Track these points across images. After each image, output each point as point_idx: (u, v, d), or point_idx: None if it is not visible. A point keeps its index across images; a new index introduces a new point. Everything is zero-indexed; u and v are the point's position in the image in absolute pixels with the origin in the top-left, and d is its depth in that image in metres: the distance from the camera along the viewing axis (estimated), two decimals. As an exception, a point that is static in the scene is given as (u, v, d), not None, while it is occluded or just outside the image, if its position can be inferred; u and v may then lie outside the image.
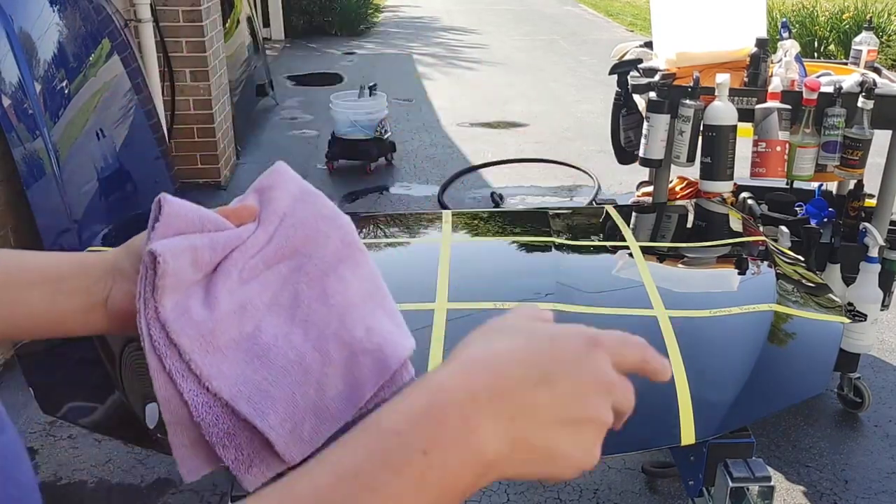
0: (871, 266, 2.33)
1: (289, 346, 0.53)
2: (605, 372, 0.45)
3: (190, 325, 0.51)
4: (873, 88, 2.14)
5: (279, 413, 0.52)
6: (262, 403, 0.51)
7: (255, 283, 0.55)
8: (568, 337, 0.45)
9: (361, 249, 0.60)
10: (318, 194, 0.60)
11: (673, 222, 2.00)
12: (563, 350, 0.44)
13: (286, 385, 0.52)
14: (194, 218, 0.55)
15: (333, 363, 0.54)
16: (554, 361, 0.44)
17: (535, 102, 6.60)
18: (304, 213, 0.58)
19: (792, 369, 1.33)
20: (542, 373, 0.43)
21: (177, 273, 0.52)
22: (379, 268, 0.60)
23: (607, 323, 1.41)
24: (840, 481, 2.25)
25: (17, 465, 0.44)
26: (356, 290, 0.57)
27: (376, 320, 0.57)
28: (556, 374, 0.43)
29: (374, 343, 0.55)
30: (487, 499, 2.16)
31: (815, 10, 8.37)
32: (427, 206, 4.31)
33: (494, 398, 0.41)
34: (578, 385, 0.43)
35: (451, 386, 0.42)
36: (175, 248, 0.52)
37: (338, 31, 9.97)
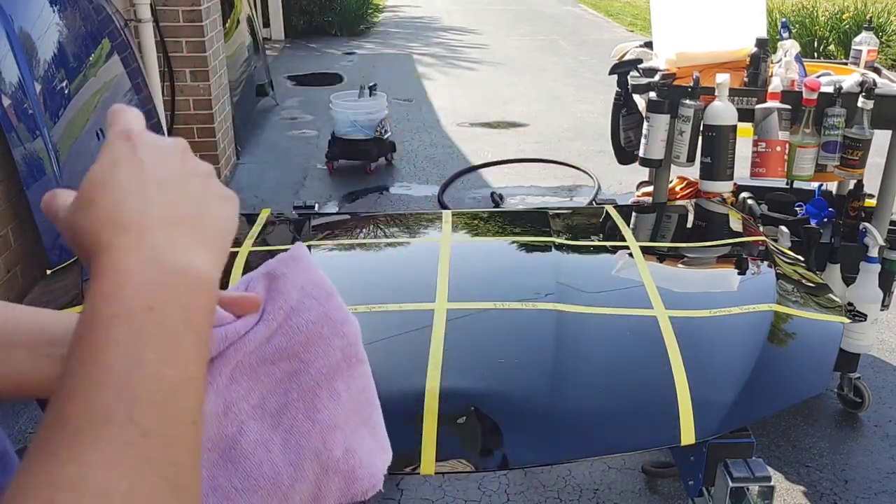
0: (871, 266, 2.33)
1: (266, 458, 0.53)
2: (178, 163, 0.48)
3: None
4: (873, 88, 2.14)
5: None
6: None
7: (244, 381, 0.54)
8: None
9: (361, 360, 0.58)
10: (330, 292, 0.57)
11: (673, 222, 2.00)
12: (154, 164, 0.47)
13: (254, 499, 0.52)
14: None
15: (305, 479, 0.54)
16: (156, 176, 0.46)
17: (535, 102, 6.61)
18: (310, 314, 0.55)
19: (792, 369, 1.33)
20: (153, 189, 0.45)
21: None
22: (379, 268, 0.60)
23: (607, 323, 1.41)
24: (840, 481, 2.25)
25: None
26: (345, 406, 0.57)
27: (358, 440, 0.57)
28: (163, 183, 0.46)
29: (349, 465, 0.55)
30: (487, 499, 2.16)
31: (815, 10, 8.37)
32: (427, 206, 4.31)
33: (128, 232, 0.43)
34: (181, 182, 0.47)
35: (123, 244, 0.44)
36: None
37: (338, 31, 9.97)
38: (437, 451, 1.10)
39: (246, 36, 5.67)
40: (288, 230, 1.85)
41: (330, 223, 1.88)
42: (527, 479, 2.25)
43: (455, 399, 1.18)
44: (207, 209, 0.47)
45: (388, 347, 1.35)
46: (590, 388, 1.24)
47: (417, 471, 1.09)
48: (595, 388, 1.24)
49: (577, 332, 1.37)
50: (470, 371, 1.25)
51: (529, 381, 1.23)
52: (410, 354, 1.31)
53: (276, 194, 4.39)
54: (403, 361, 1.30)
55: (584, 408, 1.21)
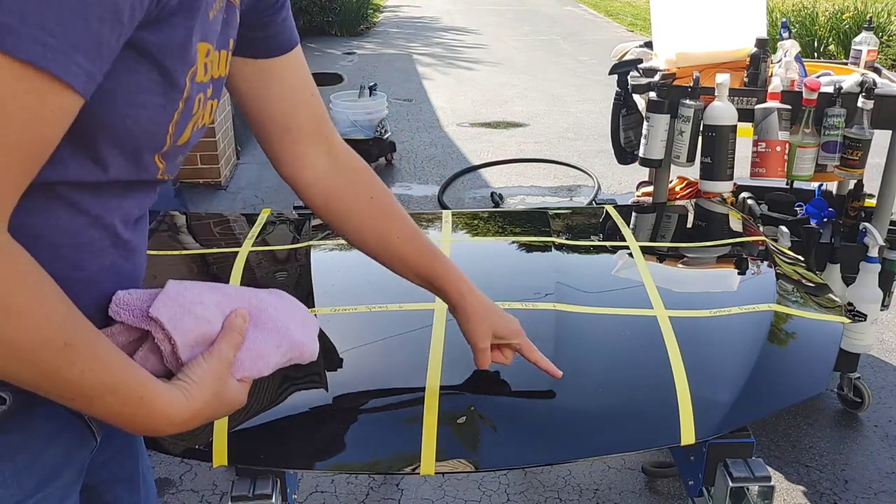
0: (871, 266, 2.33)
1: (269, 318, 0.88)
2: (236, 404, 0.83)
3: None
4: (873, 88, 2.14)
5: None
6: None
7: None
8: (230, 397, 0.81)
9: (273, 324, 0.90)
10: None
11: (673, 222, 2.00)
12: (227, 403, 0.81)
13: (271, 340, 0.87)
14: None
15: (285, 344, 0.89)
16: (222, 407, 0.81)
17: (535, 102, 6.61)
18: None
19: (792, 369, 1.33)
20: (213, 414, 0.80)
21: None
22: (379, 267, 0.67)
23: (607, 323, 1.41)
24: (840, 481, 2.25)
25: None
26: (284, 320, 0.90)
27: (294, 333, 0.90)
28: (220, 412, 0.81)
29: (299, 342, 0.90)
30: (487, 499, 2.16)
31: (815, 10, 8.37)
32: (427, 206, 4.31)
33: (183, 426, 0.77)
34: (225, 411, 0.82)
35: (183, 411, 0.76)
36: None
37: (338, 31, 9.97)
38: (437, 451, 1.10)
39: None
40: (288, 230, 1.85)
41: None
42: (527, 479, 2.25)
43: (455, 399, 1.18)
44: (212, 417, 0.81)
45: (388, 347, 1.35)
46: (590, 388, 1.24)
47: (417, 471, 1.09)
48: (595, 388, 1.24)
49: (576, 332, 1.37)
50: (470, 371, 1.25)
51: (529, 380, 1.23)
52: (410, 354, 1.31)
53: (276, 194, 4.39)
54: (403, 361, 1.30)
55: (584, 408, 1.21)
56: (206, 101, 0.79)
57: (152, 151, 0.75)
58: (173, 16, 0.68)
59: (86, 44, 0.59)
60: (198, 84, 0.75)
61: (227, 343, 0.80)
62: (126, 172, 0.73)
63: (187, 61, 0.71)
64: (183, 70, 0.71)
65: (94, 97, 0.64)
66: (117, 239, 0.77)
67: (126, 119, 0.69)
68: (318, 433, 1.15)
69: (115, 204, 0.76)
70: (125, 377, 0.70)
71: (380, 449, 1.12)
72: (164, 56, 0.68)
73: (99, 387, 0.67)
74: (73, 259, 0.72)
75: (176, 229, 1.82)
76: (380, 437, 1.14)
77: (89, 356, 0.66)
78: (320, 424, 1.17)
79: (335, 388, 1.22)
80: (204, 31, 0.74)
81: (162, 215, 1.85)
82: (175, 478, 2.25)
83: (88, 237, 0.73)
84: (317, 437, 1.15)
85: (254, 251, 1.67)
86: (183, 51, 0.70)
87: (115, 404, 0.69)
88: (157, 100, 0.70)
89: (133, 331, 0.78)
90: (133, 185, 0.77)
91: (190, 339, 0.78)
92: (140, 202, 0.81)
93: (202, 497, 2.18)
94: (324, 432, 1.16)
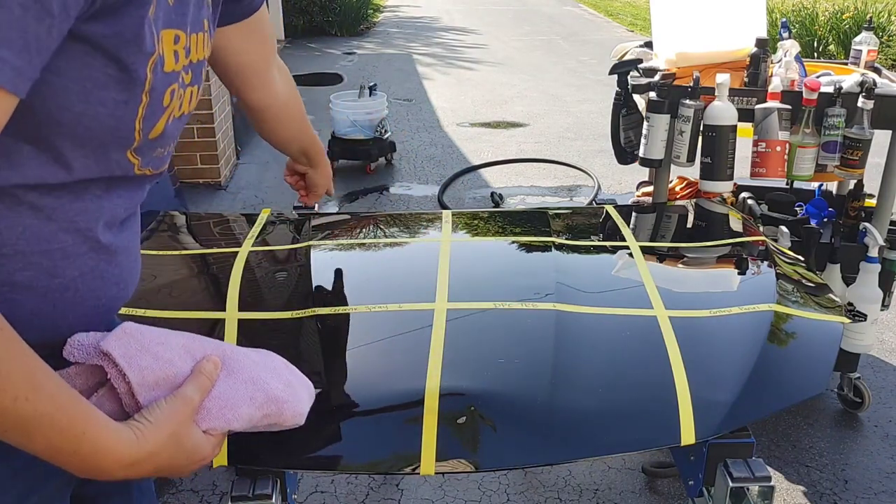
0: (871, 266, 2.33)
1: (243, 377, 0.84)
2: (202, 458, 0.79)
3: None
4: (873, 88, 2.14)
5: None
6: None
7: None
8: (193, 446, 0.77)
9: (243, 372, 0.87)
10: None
11: (673, 222, 2.00)
12: (187, 452, 0.76)
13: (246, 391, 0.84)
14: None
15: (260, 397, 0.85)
16: (181, 455, 0.76)
17: (535, 102, 6.61)
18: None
19: (792, 369, 1.33)
20: (170, 464, 0.75)
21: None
22: (379, 267, 0.67)
23: (607, 323, 1.41)
24: (840, 481, 2.25)
25: None
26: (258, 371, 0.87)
27: (275, 388, 0.87)
28: (176, 461, 0.76)
29: (279, 398, 0.87)
30: (487, 499, 2.16)
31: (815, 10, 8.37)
32: (427, 206, 4.31)
33: (135, 469, 0.73)
34: (185, 464, 0.78)
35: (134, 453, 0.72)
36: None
37: (338, 31, 9.97)
38: (437, 451, 1.10)
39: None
40: (288, 230, 1.85)
41: (330, 223, 1.88)
42: (527, 479, 2.25)
43: (455, 399, 1.18)
44: (170, 469, 0.77)
45: (388, 347, 1.35)
46: (590, 388, 1.24)
47: (417, 471, 1.09)
48: (595, 388, 1.24)
49: (576, 332, 1.37)
50: (470, 371, 1.25)
51: (529, 381, 1.23)
52: (410, 354, 1.31)
53: (276, 194, 4.39)
54: (403, 361, 1.30)
55: (584, 408, 1.21)
56: (183, 89, 0.76)
57: (121, 148, 0.72)
58: (123, 6, 0.64)
59: (9, 37, 0.55)
60: (166, 74, 0.71)
61: (194, 387, 0.76)
62: (93, 171, 0.70)
63: (144, 51, 0.67)
64: (141, 61, 0.67)
65: (45, 95, 0.62)
66: (96, 243, 0.74)
67: (83, 117, 0.66)
68: (318, 433, 1.15)
69: (94, 206, 0.73)
70: (66, 409, 0.65)
71: (380, 449, 1.12)
72: (119, 48, 0.65)
73: (35, 417, 0.63)
74: (46, 266, 0.69)
75: (176, 229, 1.82)
76: (380, 438, 1.14)
77: (25, 384, 0.62)
78: (320, 424, 1.17)
79: (335, 389, 1.22)
80: (167, 19, 0.70)
81: (162, 215, 1.85)
82: (174, 478, 2.25)
83: (60, 243, 0.70)
84: (317, 437, 1.15)
85: (254, 251, 1.67)
86: (138, 41, 0.66)
87: (55, 438, 0.64)
88: (116, 95, 0.67)
89: (92, 374, 0.74)
90: (114, 183, 0.74)
91: (149, 378, 0.74)
92: (127, 201, 0.78)
93: (202, 497, 2.18)
94: (324, 432, 1.16)
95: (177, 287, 1.52)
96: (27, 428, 0.63)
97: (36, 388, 0.63)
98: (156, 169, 0.80)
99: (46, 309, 0.71)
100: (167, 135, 0.77)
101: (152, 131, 0.73)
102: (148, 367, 0.74)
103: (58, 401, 0.64)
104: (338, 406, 1.19)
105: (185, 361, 0.77)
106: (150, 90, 0.69)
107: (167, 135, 0.77)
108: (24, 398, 0.61)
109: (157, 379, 0.74)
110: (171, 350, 0.76)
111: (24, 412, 0.62)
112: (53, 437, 0.64)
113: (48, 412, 0.63)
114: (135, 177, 0.77)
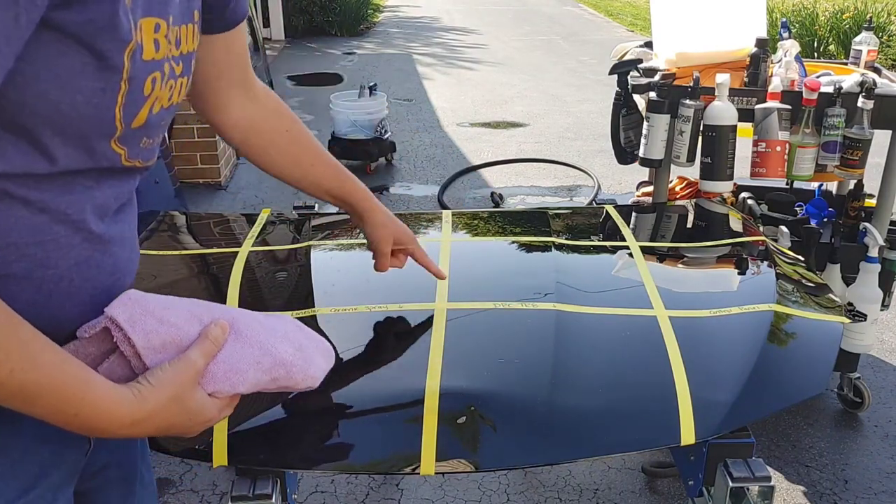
0: (871, 266, 2.33)
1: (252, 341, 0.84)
2: (206, 420, 0.80)
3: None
4: (873, 88, 2.14)
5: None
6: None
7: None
8: (196, 407, 0.78)
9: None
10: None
11: (673, 222, 2.00)
12: (189, 412, 0.78)
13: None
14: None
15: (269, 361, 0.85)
16: (183, 415, 0.77)
17: (535, 102, 6.61)
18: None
19: (792, 369, 1.33)
20: (172, 422, 0.76)
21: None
22: None
23: (607, 323, 1.41)
24: (840, 481, 2.25)
25: None
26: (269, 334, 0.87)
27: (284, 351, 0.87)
28: (179, 420, 0.77)
29: (288, 361, 0.86)
30: (487, 499, 2.16)
31: (815, 10, 8.37)
32: (427, 206, 4.31)
33: (138, 428, 0.74)
34: (188, 424, 0.79)
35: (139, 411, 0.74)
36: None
37: (338, 31, 9.97)
38: (437, 451, 1.10)
39: (246, 36, 5.67)
40: (288, 230, 1.85)
41: (330, 223, 1.88)
42: (527, 479, 2.25)
43: (455, 399, 1.18)
44: (169, 429, 0.78)
45: (387, 347, 1.35)
46: (590, 388, 1.24)
47: (417, 471, 1.09)
48: (595, 388, 1.24)
49: (576, 332, 1.37)
50: (470, 371, 1.25)
51: (529, 381, 1.23)
52: (410, 354, 1.31)
53: (276, 194, 4.39)
54: (403, 361, 1.30)
55: (584, 408, 1.21)
56: (168, 79, 0.75)
57: (104, 137, 0.72)
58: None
59: None
60: (146, 63, 0.71)
61: (199, 351, 0.77)
62: (79, 161, 0.71)
63: (120, 38, 0.66)
64: (117, 48, 0.67)
65: (20, 84, 0.62)
66: (89, 234, 0.75)
67: (61, 105, 0.66)
68: (318, 433, 1.15)
69: (85, 196, 0.73)
70: (63, 376, 0.68)
71: (380, 449, 1.12)
72: (93, 36, 0.64)
73: (33, 386, 0.66)
74: (40, 257, 0.71)
75: (176, 229, 1.82)
76: (380, 437, 1.14)
77: (20, 356, 0.65)
78: (320, 424, 1.17)
79: (335, 388, 1.22)
80: (146, 7, 0.70)
81: (162, 215, 1.85)
82: (175, 478, 2.25)
83: (53, 234, 0.71)
84: (317, 437, 1.15)
85: (254, 251, 1.67)
86: (112, 28, 0.65)
87: (55, 403, 0.68)
88: (93, 83, 0.66)
89: (103, 342, 0.76)
90: (103, 175, 0.75)
91: (154, 341, 0.75)
92: (117, 191, 0.78)
93: (202, 497, 2.18)
94: (324, 432, 1.16)
95: (177, 287, 1.52)
96: (26, 396, 0.66)
97: (32, 359, 0.65)
98: (145, 161, 0.80)
99: (42, 299, 0.72)
100: (151, 124, 0.76)
101: (135, 120, 0.73)
102: (153, 331, 0.75)
103: (54, 370, 0.67)
104: (338, 406, 1.19)
105: (192, 325, 0.78)
106: (129, 78, 0.69)
107: (151, 124, 0.76)
108: (20, 370, 0.64)
109: (164, 342, 0.76)
110: (177, 314, 0.78)
111: (18, 381, 0.65)
112: (53, 402, 0.68)
113: (47, 382, 0.66)
114: (123, 168, 0.77)
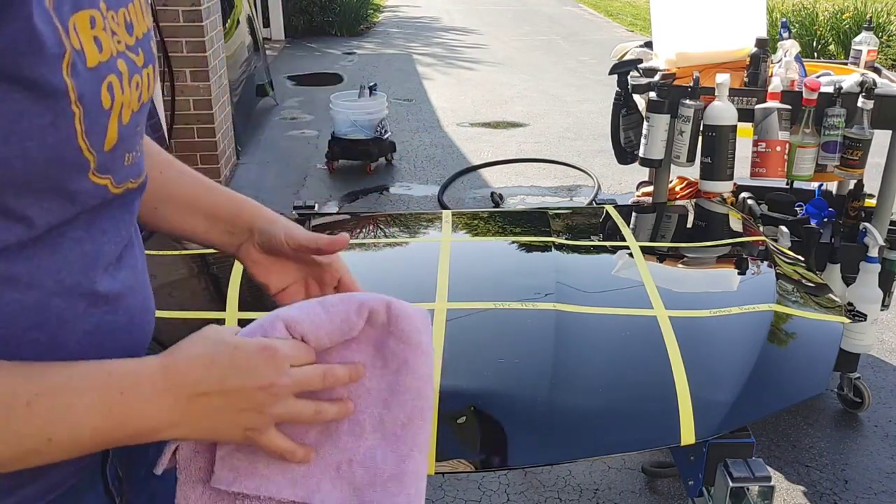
0: (871, 266, 2.33)
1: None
2: (269, 377, 0.63)
3: None
4: (873, 88, 2.14)
5: None
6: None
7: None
8: (246, 347, 0.64)
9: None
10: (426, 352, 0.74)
11: (673, 222, 2.00)
12: (240, 358, 0.63)
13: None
14: None
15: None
16: (230, 366, 0.62)
17: (535, 102, 6.61)
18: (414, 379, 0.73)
19: (792, 369, 1.33)
20: (219, 375, 0.62)
21: None
22: (379, 267, 0.66)
23: (607, 323, 1.41)
24: (840, 481, 2.25)
25: None
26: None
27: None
28: (230, 377, 0.62)
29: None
30: (487, 499, 2.16)
31: (815, 10, 8.37)
32: (427, 206, 4.31)
33: (176, 389, 0.61)
34: (244, 386, 0.62)
35: (158, 379, 0.61)
36: None
37: (338, 31, 9.97)
38: (437, 451, 1.10)
39: (246, 36, 5.67)
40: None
41: (330, 223, 1.88)
42: (527, 479, 2.25)
43: (455, 399, 1.18)
44: (218, 430, 0.64)
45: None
46: (590, 388, 1.24)
47: (417, 471, 1.09)
48: (595, 388, 1.24)
49: (576, 332, 1.37)
50: (470, 371, 1.25)
51: (529, 381, 1.23)
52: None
53: (276, 194, 4.39)
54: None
55: (584, 408, 1.21)
56: (130, 76, 0.61)
57: (78, 175, 0.58)
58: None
59: None
60: (93, 70, 0.56)
61: (291, 349, 0.66)
62: (61, 213, 0.58)
63: (48, 53, 0.52)
64: (51, 67, 0.52)
65: None
66: (93, 296, 0.62)
67: (13, 160, 0.53)
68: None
69: (77, 254, 0.61)
70: (77, 368, 0.59)
71: (380, 449, 1.12)
72: (16, 64, 0.51)
73: (56, 400, 0.57)
74: (44, 342, 0.59)
75: (176, 229, 1.81)
76: (380, 437, 1.13)
77: (24, 386, 0.56)
78: (320, 424, 1.17)
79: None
80: (73, 1, 0.55)
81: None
82: (175, 478, 2.25)
83: (52, 310, 0.59)
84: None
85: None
86: (35, 45, 0.51)
87: (91, 402, 0.58)
88: (39, 121, 0.53)
89: None
90: (94, 217, 0.62)
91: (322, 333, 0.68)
92: (114, 235, 0.65)
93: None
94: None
95: (177, 287, 1.52)
96: (60, 417, 0.56)
97: (40, 379, 0.57)
98: (136, 178, 0.67)
99: None
100: (127, 136, 0.62)
101: (105, 142, 0.59)
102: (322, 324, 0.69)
103: (63, 371, 0.58)
104: (338, 406, 1.19)
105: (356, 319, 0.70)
106: (79, 97, 0.55)
107: (127, 136, 0.62)
108: (34, 395, 0.55)
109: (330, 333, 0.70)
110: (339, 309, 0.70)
111: (41, 410, 0.55)
112: (88, 401, 0.58)
113: (62, 390, 0.57)
114: (115, 197, 0.64)
